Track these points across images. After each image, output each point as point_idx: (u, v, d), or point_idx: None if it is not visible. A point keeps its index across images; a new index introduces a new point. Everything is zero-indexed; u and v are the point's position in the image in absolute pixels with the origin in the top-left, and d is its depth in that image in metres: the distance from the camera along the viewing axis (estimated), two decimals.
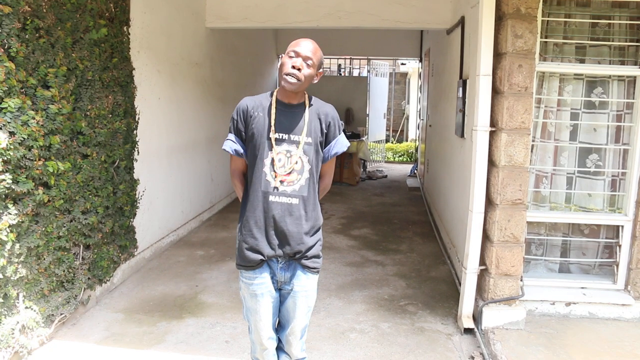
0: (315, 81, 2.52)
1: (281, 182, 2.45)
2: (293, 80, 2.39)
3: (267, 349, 2.66)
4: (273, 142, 2.45)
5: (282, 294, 2.63)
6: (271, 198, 2.45)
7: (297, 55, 2.41)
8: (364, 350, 3.69)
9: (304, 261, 2.53)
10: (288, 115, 2.49)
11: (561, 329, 3.83)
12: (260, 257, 2.50)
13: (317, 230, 2.58)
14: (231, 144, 2.58)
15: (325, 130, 2.54)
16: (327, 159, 2.59)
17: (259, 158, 2.48)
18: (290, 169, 2.46)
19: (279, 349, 2.75)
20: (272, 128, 2.46)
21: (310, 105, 2.54)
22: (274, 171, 2.45)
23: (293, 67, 2.39)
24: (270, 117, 2.47)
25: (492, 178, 3.84)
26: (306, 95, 2.55)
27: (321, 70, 2.53)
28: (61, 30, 3.68)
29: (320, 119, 2.53)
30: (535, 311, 4.01)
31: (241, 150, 2.57)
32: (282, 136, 2.46)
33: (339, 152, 2.59)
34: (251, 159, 2.52)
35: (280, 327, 2.74)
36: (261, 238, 2.49)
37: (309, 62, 2.42)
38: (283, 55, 2.48)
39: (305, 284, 2.56)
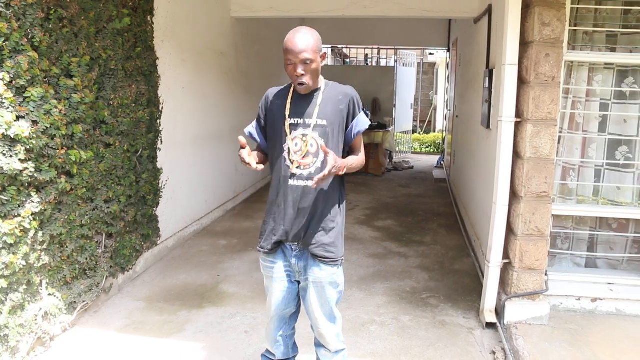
0: (323, 64, 2.49)
1: (298, 166, 2.48)
2: (303, 87, 2.44)
3: (273, 322, 2.73)
4: (288, 128, 2.50)
5: (302, 286, 2.64)
6: (290, 182, 2.50)
7: (294, 62, 2.38)
8: (383, 343, 3.66)
9: (312, 248, 2.51)
10: (304, 100, 2.52)
11: (586, 325, 3.73)
12: (275, 239, 2.55)
13: (333, 219, 2.55)
14: (249, 127, 2.71)
15: (345, 111, 2.52)
16: (352, 139, 2.58)
17: (278, 144, 2.55)
18: (306, 152, 2.48)
19: (317, 344, 2.77)
20: (287, 114, 2.51)
21: (325, 88, 2.55)
22: (291, 155, 2.49)
23: (296, 75, 2.40)
24: (289, 104, 2.52)
25: (517, 170, 3.75)
26: (322, 81, 2.56)
27: (323, 52, 2.49)
28: (84, 19, 3.70)
29: (339, 100, 2.52)
30: (560, 307, 3.92)
31: (255, 135, 2.69)
32: (297, 121, 2.51)
33: (362, 131, 2.56)
34: (272, 147, 2.60)
35: (296, 319, 2.78)
36: (278, 222, 2.54)
37: (307, 61, 2.37)
38: (284, 61, 2.48)
39: (319, 275, 2.54)
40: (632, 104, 3.83)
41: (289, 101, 2.53)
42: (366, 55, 14.97)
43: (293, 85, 2.55)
